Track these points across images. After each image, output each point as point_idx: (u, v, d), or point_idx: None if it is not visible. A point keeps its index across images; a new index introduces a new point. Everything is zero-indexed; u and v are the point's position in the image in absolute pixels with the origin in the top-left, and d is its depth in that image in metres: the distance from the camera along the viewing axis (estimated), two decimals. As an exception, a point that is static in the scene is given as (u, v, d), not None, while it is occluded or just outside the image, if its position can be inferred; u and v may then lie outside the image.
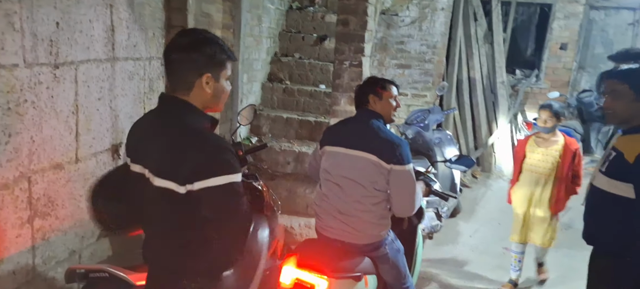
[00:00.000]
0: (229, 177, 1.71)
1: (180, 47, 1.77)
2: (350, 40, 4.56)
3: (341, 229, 2.76)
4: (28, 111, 2.38)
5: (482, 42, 7.68)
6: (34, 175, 2.48)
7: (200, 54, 1.75)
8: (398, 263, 2.89)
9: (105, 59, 2.93)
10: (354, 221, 2.72)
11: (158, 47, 3.51)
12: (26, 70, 2.33)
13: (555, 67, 8.74)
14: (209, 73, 1.76)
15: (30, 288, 2.55)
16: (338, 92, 4.70)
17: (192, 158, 1.68)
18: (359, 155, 2.69)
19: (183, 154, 1.69)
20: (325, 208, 2.82)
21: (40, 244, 2.59)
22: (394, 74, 7.31)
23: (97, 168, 2.97)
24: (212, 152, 1.71)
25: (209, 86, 1.78)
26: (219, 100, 1.85)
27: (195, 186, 1.67)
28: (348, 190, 2.72)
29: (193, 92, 1.77)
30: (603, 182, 2.44)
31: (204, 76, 1.76)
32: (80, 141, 2.79)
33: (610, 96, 2.45)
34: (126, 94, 3.18)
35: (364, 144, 2.70)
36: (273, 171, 5.21)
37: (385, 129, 2.78)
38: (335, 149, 2.80)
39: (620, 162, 2.35)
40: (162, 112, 1.84)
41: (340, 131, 2.89)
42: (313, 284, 2.56)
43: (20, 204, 2.42)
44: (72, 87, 2.67)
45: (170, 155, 1.72)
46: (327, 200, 2.81)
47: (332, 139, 2.86)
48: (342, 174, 2.74)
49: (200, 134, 1.76)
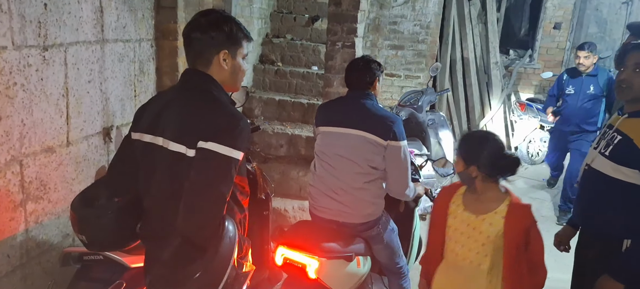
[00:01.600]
0: (230, 151, 1.72)
1: (200, 25, 1.84)
2: (342, 21, 4.53)
3: (336, 209, 2.79)
4: (18, 93, 2.36)
5: (476, 22, 7.66)
6: (26, 158, 2.47)
7: (219, 31, 1.84)
8: (392, 243, 2.92)
9: (95, 41, 2.90)
10: (348, 200, 2.75)
11: (148, 29, 3.48)
12: (15, 52, 2.31)
13: (549, 47, 8.75)
14: (226, 50, 1.86)
15: (24, 270, 2.56)
16: (331, 74, 4.68)
17: (207, 120, 1.75)
18: (354, 133, 2.72)
19: (200, 117, 1.77)
20: (319, 188, 2.86)
21: (33, 228, 2.59)
22: (387, 55, 7.29)
23: (88, 151, 2.96)
24: (228, 121, 1.76)
25: (226, 62, 1.87)
26: (236, 77, 1.94)
27: (199, 144, 1.71)
28: (343, 169, 2.75)
29: (211, 69, 1.87)
30: (606, 167, 2.35)
31: (221, 52, 1.85)
32: (71, 124, 2.78)
33: (631, 69, 2.30)
34: (116, 77, 3.16)
35: (359, 123, 2.73)
36: (266, 153, 5.20)
37: (379, 106, 2.82)
38: (329, 129, 2.83)
39: (629, 148, 2.26)
40: (186, 83, 1.91)
41: (334, 110, 2.91)
42: (304, 264, 2.62)
43: (13, 188, 2.41)
44: (62, 69, 2.65)
45: (189, 119, 1.79)
46: (322, 180, 2.84)
47: (326, 119, 2.89)
48: (337, 152, 2.77)
49: (222, 102, 1.85)
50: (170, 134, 1.80)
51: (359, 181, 2.73)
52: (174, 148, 1.77)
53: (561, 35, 8.66)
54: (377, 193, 2.80)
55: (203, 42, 1.84)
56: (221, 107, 1.81)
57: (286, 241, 2.72)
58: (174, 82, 3.67)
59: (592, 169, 2.45)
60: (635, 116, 2.34)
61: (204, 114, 1.77)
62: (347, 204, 2.76)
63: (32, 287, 2.60)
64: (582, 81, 5.24)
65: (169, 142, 1.79)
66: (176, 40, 3.61)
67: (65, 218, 2.82)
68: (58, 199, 2.75)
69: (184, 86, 1.91)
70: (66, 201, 2.81)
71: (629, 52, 2.34)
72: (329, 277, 2.67)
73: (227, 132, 1.73)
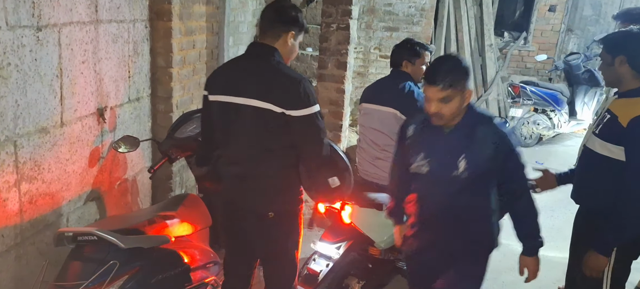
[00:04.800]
0: (314, 108, 2.34)
1: (278, 8, 2.45)
2: (337, 3, 4.52)
3: (375, 172, 3.33)
4: (12, 74, 2.35)
5: (471, 4, 7.64)
6: (20, 139, 2.48)
7: (292, 15, 2.43)
8: None
9: (89, 21, 2.89)
10: (385, 165, 3.12)
11: (142, 9, 3.46)
12: (9, 32, 2.30)
13: (544, 29, 8.75)
14: (293, 31, 2.43)
15: (19, 250, 2.58)
16: (325, 56, 4.67)
17: (287, 90, 2.31)
18: (384, 110, 3.23)
19: (280, 85, 2.32)
20: (363, 157, 3.41)
21: (27, 208, 2.60)
22: (381, 37, 7.27)
23: (82, 132, 2.96)
24: (302, 88, 2.31)
25: (290, 40, 2.44)
26: (291, 54, 2.50)
27: (291, 113, 2.30)
28: (378, 141, 3.28)
29: (279, 42, 2.41)
30: (595, 144, 2.50)
31: (290, 31, 2.42)
32: (65, 104, 2.77)
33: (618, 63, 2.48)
34: (110, 57, 3.15)
35: (390, 101, 3.23)
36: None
37: (410, 87, 3.23)
38: (368, 106, 3.35)
39: (614, 125, 2.40)
40: (255, 53, 2.46)
41: (374, 89, 3.41)
42: (340, 210, 3.10)
43: (7, 168, 2.42)
44: (56, 50, 2.64)
45: (269, 85, 2.33)
46: (363, 149, 3.38)
47: (366, 97, 3.41)
48: (373, 126, 3.30)
49: (290, 72, 2.39)
50: (252, 94, 2.33)
51: (391, 151, 2.99)
52: (259, 105, 2.32)
53: (556, 18, 8.66)
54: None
55: (278, 21, 2.40)
56: (293, 76, 2.35)
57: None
58: (168, 63, 3.66)
59: (586, 148, 2.61)
60: (623, 96, 2.50)
61: (283, 83, 2.32)
62: (384, 169, 3.13)
63: (26, 267, 2.62)
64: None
65: (252, 100, 2.33)
66: (170, 21, 3.58)
67: (59, 199, 2.83)
68: (52, 179, 2.75)
69: (253, 55, 2.46)
70: (60, 182, 2.82)
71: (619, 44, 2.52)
72: (361, 222, 3.07)
73: (306, 97, 2.31)
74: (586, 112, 7.48)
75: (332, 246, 3.07)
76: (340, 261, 3.06)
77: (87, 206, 3.12)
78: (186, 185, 4.22)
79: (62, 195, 2.87)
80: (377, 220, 3.09)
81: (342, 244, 3.10)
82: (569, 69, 7.66)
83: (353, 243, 3.15)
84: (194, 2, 3.93)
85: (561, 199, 4.94)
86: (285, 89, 2.30)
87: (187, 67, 3.95)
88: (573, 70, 7.57)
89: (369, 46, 7.13)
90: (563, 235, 2.92)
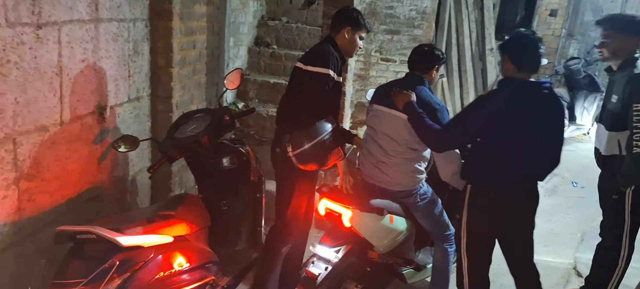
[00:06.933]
0: (325, 70, 2.92)
1: (341, 9, 3.14)
2: (339, 4, 4.50)
3: (378, 176, 3.20)
4: (12, 71, 2.35)
5: (472, 8, 7.64)
6: (19, 137, 2.47)
7: (350, 14, 3.09)
8: (433, 213, 3.28)
9: (89, 19, 2.88)
10: (389, 170, 3.15)
11: (142, 9, 3.46)
12: (9, 30, 2.30)
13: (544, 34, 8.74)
14: (349, 27, 3.05)
15: (18, 248, 2.57)
16: (326, 57, 4.66)
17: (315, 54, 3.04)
18: (395, 114, 3.06)
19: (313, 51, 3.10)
20: (369, 159, 3.25)
21: (26, 206, 2.59)
22: (382, 40, 7.26)
23: (82, 131, 2.95)
24: (327, 54, 2.96)
25: (348, 35, 3.06)
26: (350, 48, 3.13)
27: (308, 67, 2.98)
28: (385, 145, 3.14)
29: (338, 35, 3.09)
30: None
31: (346, 27, 3.05)
32: (64, 103, 2.77)
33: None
34: (110, 56, 3.15)
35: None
36: (260, 136, 5.21)
37: (426, 93, 3.11)
38: (379, 108, 3.19)
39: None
40: (322, 41, 3.25)
41: (386, 91, 3.21)
42: (340, 213, 3.07)
43: (6, 166, 2.42)
44: (56, 48, 2.64)
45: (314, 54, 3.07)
46: (369, 151, 3.24)
47: (378, 97, 3.27)
48: (383, 130, 3.15)
49: (327, 46, 3.06)
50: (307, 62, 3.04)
51: (398, 157, 3.11)
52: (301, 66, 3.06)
53: (557, 22, 8.66)
54: (415, 169, 3.15)
55: (339, 20, 3.09)
56: (325, 47, 3.05)
57: (328, 195, 3.17)
58: (168, 62, 3.66)
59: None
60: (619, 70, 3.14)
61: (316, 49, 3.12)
62: (388, 173, 3.14)
63: (25, 265, 2.61)
64: None
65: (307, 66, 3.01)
66: (171, 21, 3.58)
67: (58, 197, 2.83)
68: (51, 177, 2.75)
69: (321, 41, 3.24)
70: (59, 180, 2.81)
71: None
72: (361, 226, 3.06)
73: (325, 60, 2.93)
74: (586, 117, 7.48)
75: (331, 249, 3.07)
76: (339, 265, 3.07)
77: (86, 204, 3.11)
78: (186, 185, 4.22)
79: (61, 193, 2.86)
80: (378, 225, 3.10)
81: (341, 247, 3.10)
82: (569, 73, 7.67)
83: (352, 247, 3.15)
84: (195, 2, 3.93)
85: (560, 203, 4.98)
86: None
87: (187, 67, 3.95)
88: (573, 75, 7.57)
89: (370, 49, 7.11)
90: (561, 240, 2.92)
